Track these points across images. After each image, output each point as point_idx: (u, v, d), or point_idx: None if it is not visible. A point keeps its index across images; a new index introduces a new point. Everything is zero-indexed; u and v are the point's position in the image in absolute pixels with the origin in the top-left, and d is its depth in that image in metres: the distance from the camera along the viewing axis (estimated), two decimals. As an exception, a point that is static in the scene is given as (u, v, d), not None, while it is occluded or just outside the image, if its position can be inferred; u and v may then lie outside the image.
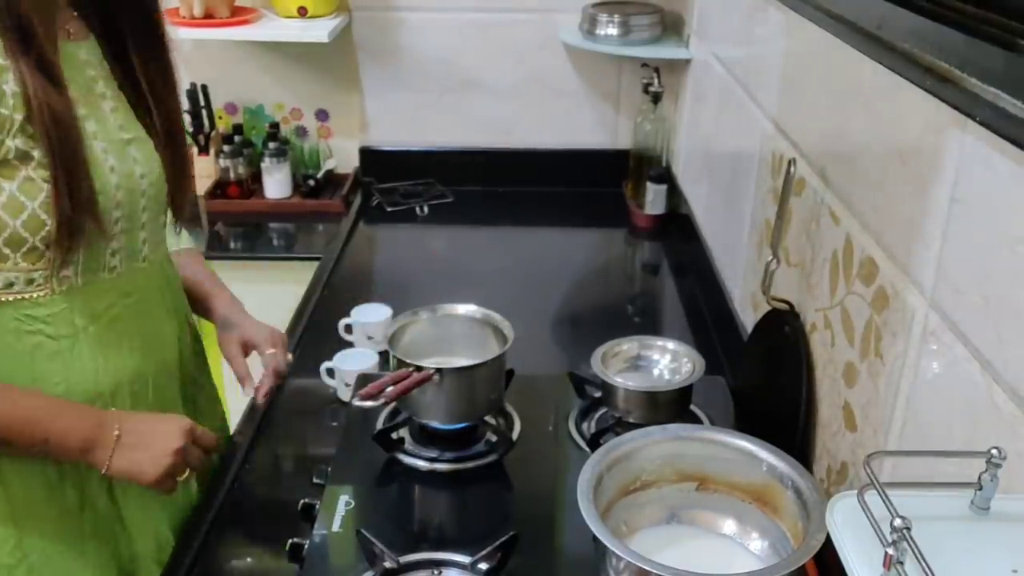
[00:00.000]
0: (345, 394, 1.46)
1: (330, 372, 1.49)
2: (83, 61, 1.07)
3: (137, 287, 1.12)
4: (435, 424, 1.27)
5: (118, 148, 1.07)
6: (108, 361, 1.08)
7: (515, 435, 1.28)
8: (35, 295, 1.02)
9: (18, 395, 1.01)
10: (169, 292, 1.21)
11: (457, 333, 1.33)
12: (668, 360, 1.33)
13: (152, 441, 1.06)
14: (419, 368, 1.20)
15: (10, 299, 1.01)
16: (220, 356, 1.34)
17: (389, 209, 2.30)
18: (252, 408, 1.43)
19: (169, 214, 1.20)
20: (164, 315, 1.19)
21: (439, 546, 1.07)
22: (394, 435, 1.27)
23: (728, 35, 1.77)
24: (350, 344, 1.60)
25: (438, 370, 1.20)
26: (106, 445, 1.03)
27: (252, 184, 2.40)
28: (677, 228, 2.13)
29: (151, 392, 1.15)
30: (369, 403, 1.17)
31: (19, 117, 0.94)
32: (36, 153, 0.96)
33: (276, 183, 2.35)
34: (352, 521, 1.12)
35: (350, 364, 1.48)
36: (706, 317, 1.75)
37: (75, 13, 1.08)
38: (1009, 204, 0.70)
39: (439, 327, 1.33)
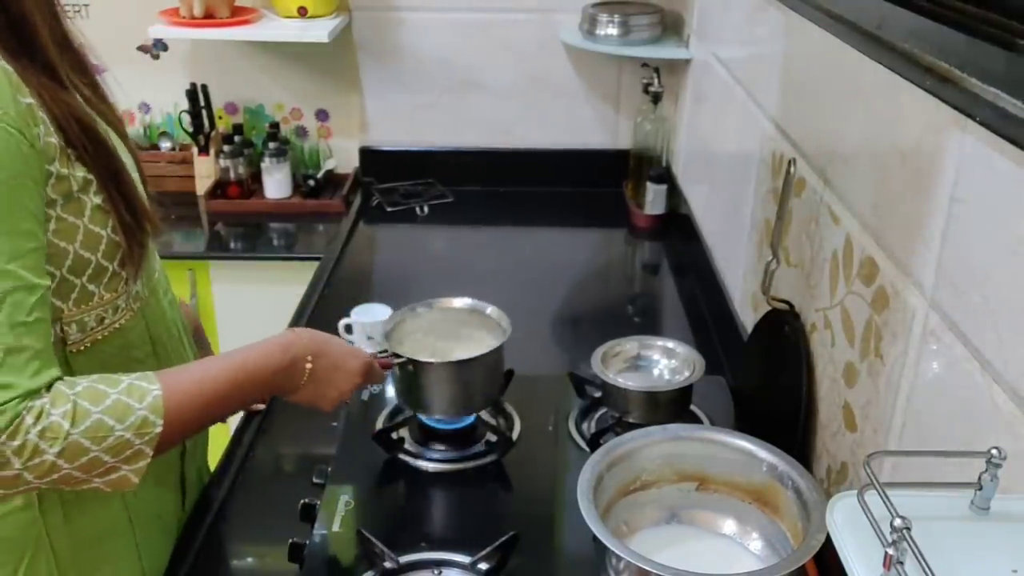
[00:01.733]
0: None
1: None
2: None
3: (169, 280, 1.14)
4: (433, 419, 1.27)
5: (130, 152, 1.04)
6: (170, 360, 1.08)
7: (515, 435, 1.28)
8: (122, 322, 0.99)
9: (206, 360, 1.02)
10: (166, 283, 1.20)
11: (455, 327, 1.33)
12: (668, 360, 1.33)
13: (339, 378, 1.08)
14: (397, 355, 1.21)
15: (106, 335, 0.97)
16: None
17: (389, 209, 2.30)
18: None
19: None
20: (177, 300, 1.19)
21: (439, 546, 1.07)
22: (394, 435, 1.27)
23: (728, 35, 1.77)
24: (350, 344, 1.60)
25: (412, 360, 1.20)
26: (297, 375, 1.04)
27: (252, 184, 2.40)
28: (677, 228, 2.13)
29: None
30: None
31: (60, 143, 0.87)
32: (91, 176, 0.91)
33: (276, 183, 2.35)
34: (352, 521, 1.12)
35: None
36: (706, 317, 1.75)
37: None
38: (1009, 204, 0.70)
39: (436, 322, 1.33)
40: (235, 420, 1.43)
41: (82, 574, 1.01)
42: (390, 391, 1.35)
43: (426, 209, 2.30)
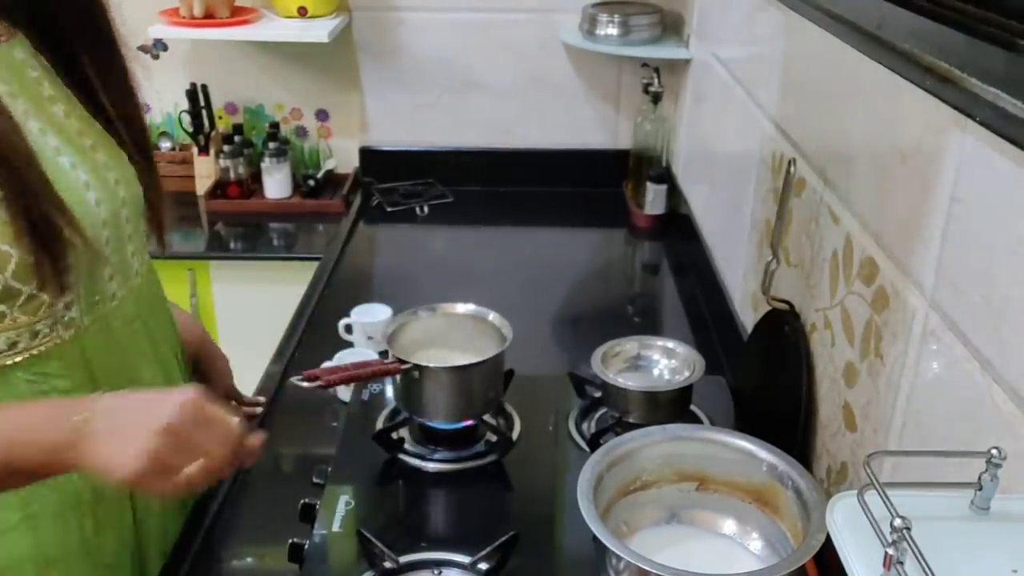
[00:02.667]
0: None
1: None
2: (21, 61, 0.95)
3: (140, 309, 1.05)
4: (433, 423, 1.27)
5: (86, 159, 0.96)
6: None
7: (515, 435, 1.28)
8: (42, 348, 0.91)
9: None
10: (163, 301, 1.14)
11: (456, 332, 1.33)
12: (668, 360, 1.33)
13: (131, 421, 0.82)
14: (402, 360, 1.21)
15: (18, 360, 0.90)
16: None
17: (389, 209, 2.30)
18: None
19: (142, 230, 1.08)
20: (167, 329, 1.13)
21: (439, 546, 1.07)
22: (394, 435, 1.27)
23: (728, 35, 1.77)
24: (350, 344, 1.60)
25: (415, 365, 1.20)
26: (73, 438, 0.81)
27: (252, 184, 2.40)
28: (677, 228, 2.13)
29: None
30: (306, 384, 1.15)
31: None
32: None
33: (276, 183, 2.36)
34: (352, 521, 1.12)
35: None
36: (706, 317, 1.75)
37: None
38: (1009, 204, 0.70)
39: (438, 326, 1.33)
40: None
41: None
42: (389, 392, 1.35)
43: (426, 209, 2.30)
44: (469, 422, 1.28)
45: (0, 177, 0.84)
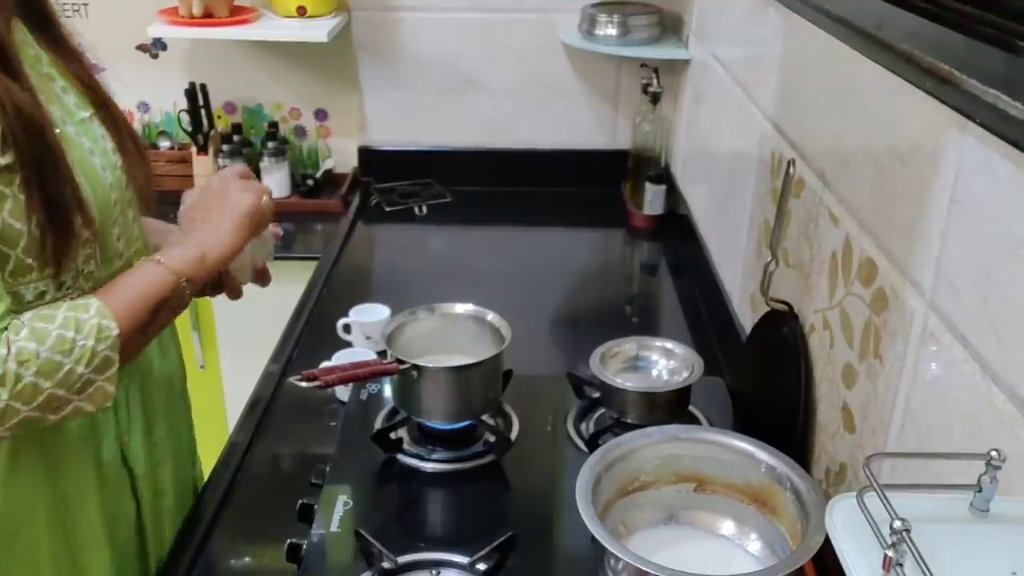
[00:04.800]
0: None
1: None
2: (20, 41, 0.99)
3: None
4: (431, 423, 1.27)
5: (86, 128, 1.02)
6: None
7: (514, 435, 1.28)
8: (66, 299, 0.97)
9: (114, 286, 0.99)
10: None
11: (455, 332, 1.33)
12: (667, 361, 1.33)
13: (219, 198, 1.09)
14: (400, 360, 1.20)
15: None
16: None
17: (388, 209, 2.29)
18: (252, 407, 1.43)
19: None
20: None
21: (437, 546, 1.07)
22: (392, 435, 1.27)
23: (727, 36, 1.77)
24: (348, 344, 1.60)
25: (414, 365, 1.20)
26: (188, 223, 1.07)
27: (251, 184, 2.39)
28: (676, 228, 2.13)
29: (158, 388, 1.15)
30: (304, 384, 1.15)
31: None
32: (16, 163, 0.89)
33: (275, 182, 2.35)
34: (350, 521, 1.12)
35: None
36: (705, 318, 1.75)
37: None
38: (1009, 206, 0.70)
39: (437, 326, 1.33)
40: (235, 418, 1.43)
41: None
42: (388, 392, 1.35)
43: (425, 209, 2.30)
44: (467, 422, 1.28)
45: (20, 145, 0.89)
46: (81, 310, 0.92)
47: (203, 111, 2.33)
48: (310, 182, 2.36)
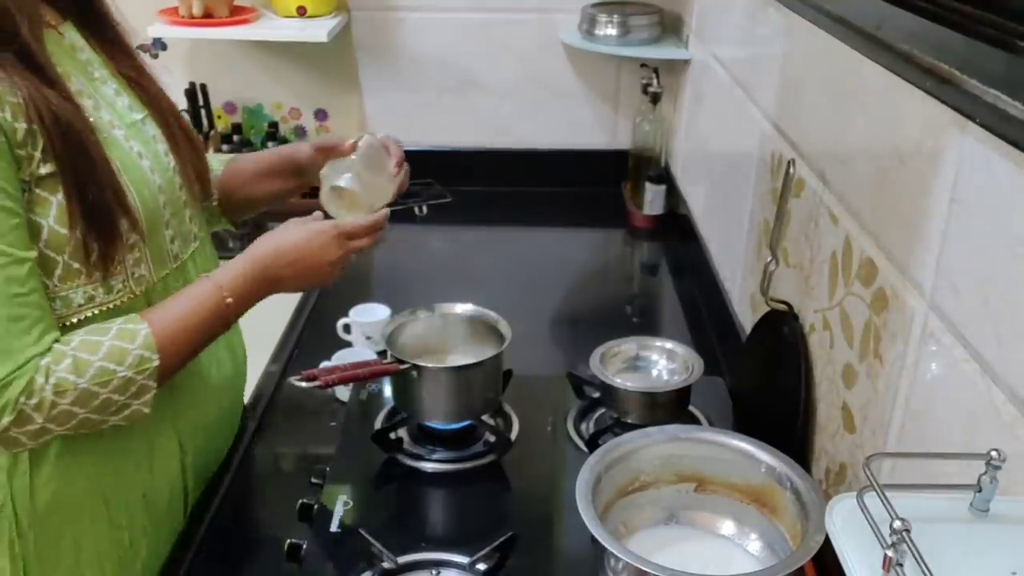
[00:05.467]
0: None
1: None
2: (71, 45, 1.03)
3: (198, 270, 1.14)
4: (431, 423, 1.27)
5: (136, 132, 1.04)
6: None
7: (514, 435, 1.28)
8: (116, 302, 1.00)
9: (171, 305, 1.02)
10: (217, 263, 1.21)
11: (455, 332, 1.33)
12: (667, 361, 1.33)
13: (314, 263, 1.11)
14: (400, 360, 1.20)
15: (96, 312, 0.98)
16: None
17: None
18: (252, 407, 1.43)
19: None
20: None
21: (437, 546, 1.07)
22: (392, 435, 1.27)
23: (727, 36, 1.77)
24: (348, 344, 1.60)
25: (414, 365, 1.20)
26: (274, 281, 1.10)
27: (251, 183, 2.39)
28: (676, 228, 2.13)
29: (215, 367, 1.17)
30: (305, 384, 1.16)
31: (30, 131, 0.89)
32: (56, 170, 0.93)
33: (275, 182, 2.35)
34: (350, 521, 1.12)
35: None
36: (705, 318, 1.75)
37: None
38: (1009, 206, 0.70)
39: (437, 326, 1.33)
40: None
41: (41, 542, 1.03)
42: (388, 392, 1.35)
43: (425, 209, 2.29)
44: (467, 422, 1.28)
45: (60, 153, 0.91)
46: (128, 339, 0.95)
47: (203, 111, 2.33)
48: (310, 182, 2.36)
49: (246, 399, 1.47)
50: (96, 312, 0.98)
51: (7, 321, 0.88)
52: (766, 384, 1.27)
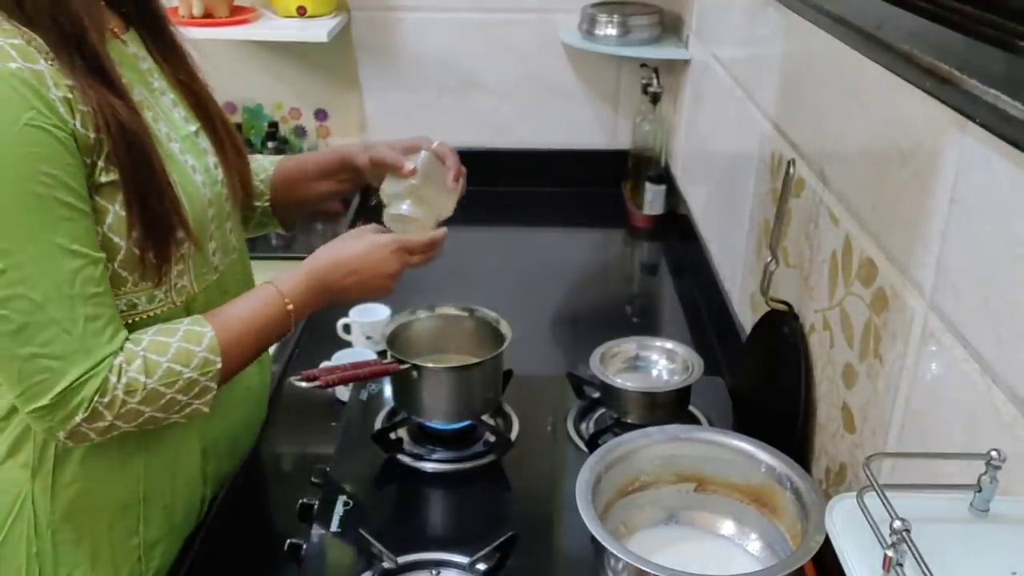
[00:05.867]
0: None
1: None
2: (133, 55, 1.05)
3: (235, 280, 1.15)
4: (432, 423, 1.27)
5: (191, 144, 1.06)
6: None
7: (514, 435, 1.28)
8: (158, 311, 1.02)
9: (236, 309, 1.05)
10: (250, 278, 1.22)
11: (455, 332, 1.33)
12: (667, 361, 1.33)
13: (371, 276, 1.14)
14: (400, 360, 1.20)
15: (137, 320, 1.00)
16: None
17: (388, 209, 2.29)
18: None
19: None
20: None
21: (438, 546, 1.07)
22: (393, 435, 1.27)
23: (727, 36, 1.77)
24: (348, 344, 1.60)
25: (414, 365, 1.20)
26: (333, 291, 1.13)
27: (251, 183, 2.39)
28: (676, 228, 2.13)
29: (243, 377, 1.16)
30: (305, 384, 1.16)
31: (96, 139, 0.90)
32: (118, 179, 0.94)
33: (275, 183, 2.35)
34: (351, 521, 1.12)
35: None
36: (705, 318, 1.75)
37: (103, 4, 1.02)
38: (1009, 206, 0.70)
39: (437, 326, 1.33)
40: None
41: (58, 544, 1.04)
42: (388, 392, 1.35)
43: (425, 209, 2.29)
44: (467, 422, 1.28)
45: (123, 162, 0.92)
46: (194, 341, 0.98)
47: (203, 111, 2.33)
48: (310, 182, 2.36)
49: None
50: (135, 320, 1.00)
51: (85, 320, 0.91)
52: (766, 384, 1.27)
